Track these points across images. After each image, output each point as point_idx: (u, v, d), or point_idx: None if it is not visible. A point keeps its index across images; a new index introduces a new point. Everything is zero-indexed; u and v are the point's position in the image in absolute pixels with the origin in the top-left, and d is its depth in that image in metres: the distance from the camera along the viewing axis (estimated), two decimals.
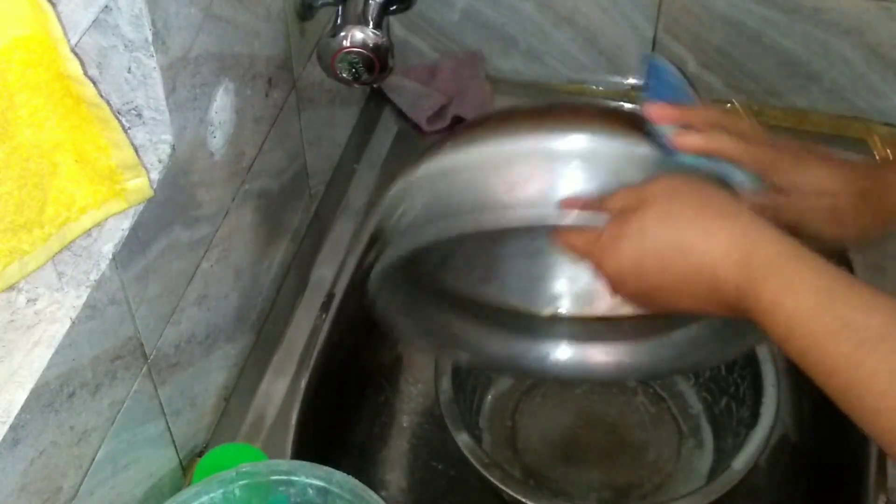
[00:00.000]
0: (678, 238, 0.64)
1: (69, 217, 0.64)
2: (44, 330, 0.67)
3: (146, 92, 0.73)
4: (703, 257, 0.63)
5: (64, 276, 0.69)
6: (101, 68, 0.72)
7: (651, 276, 0.65)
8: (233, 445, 0.91)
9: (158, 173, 0.75)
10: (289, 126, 1.02)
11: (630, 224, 0.65)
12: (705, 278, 0.63)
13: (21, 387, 0.64)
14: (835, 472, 1.07)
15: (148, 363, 0.80)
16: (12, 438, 0.63)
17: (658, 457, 1.13)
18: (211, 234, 0.88)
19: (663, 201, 0.65)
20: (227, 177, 0.89)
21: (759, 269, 0.60)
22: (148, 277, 0.78)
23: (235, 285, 0.95)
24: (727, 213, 0.64)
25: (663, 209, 0.65)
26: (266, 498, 0.80)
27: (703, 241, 0.63)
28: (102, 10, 0.66)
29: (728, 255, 0.62)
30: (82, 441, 0.72)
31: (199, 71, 0.79)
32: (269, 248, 1.03)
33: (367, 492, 0.78)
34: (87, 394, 0.72)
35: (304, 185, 1.10)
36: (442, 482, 1.12)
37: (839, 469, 1.06)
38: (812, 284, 0.59)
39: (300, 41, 1.01)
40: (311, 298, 1.07)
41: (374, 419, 1.17)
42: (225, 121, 0.86)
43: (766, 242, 0.62)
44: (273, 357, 1.02)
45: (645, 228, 0.65)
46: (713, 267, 0.62)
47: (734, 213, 0.64)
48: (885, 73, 1.18)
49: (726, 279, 0.62)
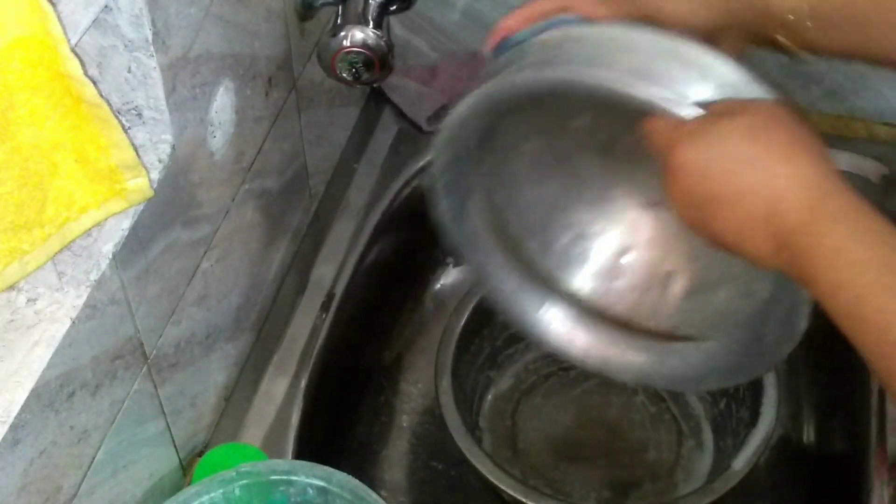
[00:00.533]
0: (758, 154, 0.62)
1: (69, 217, 0.64)
2: (44, 330, 0.67)
3: (146, 92, 0.73)
4: (775, 180, 0.61)
5: (64, 276, 0.69)
6: (101, 68, 0.72)
7: (715, 182, 0.63)
8: (233, 445, 0.91)
9: (158, 173, 0.75)
10: (289, 126, 1.02)
11: (719, 124, 0.63)
12: (769, 201, 0.61)
13: (21, 386, 0.64)
14: (835, 472, 1.07)
15: (148, 363, 0.80)
16: (12, 438, 0.63)
17: (658, 457, 1.13)
18: (211, 233, 0.88)
19: (760, 118, 0.63)
20: (227, 176, 0.89)
21: (829, 214, 0.59)
22: (148, 277, 0.78)
23: (235, 285, 0.95)
24: (815, 153, 0.62)
25: (756, 123, 0.63)
26: (266, 498, 0.80)
27: (781, 166, 0.61)
28: (102, 9, 0.66)
29: (802, 187, 0.60)
30: (82, 441, 0.72)
31: (199, 71, 0.79)
32: (269, 247, 1.03)
33: (367, 492, 0.78)
34: (87, 393, 0.72)
35: (304, 184, 1.10)
36: (442, 482, 1.12)
37: (839, 469, 1.06)
38: (881, 239, 0.58)
39: (300, 41, 1.01)
40: (311, 298, 1.07)
41: (374, 419, 1.17)
42: (225, 121, 0.86)
43: (844, 192, 0.60)
44: (273, 357, 1.02)
45: (731, 132, 0.63)
46: (782, 193, 0.60)
47: (822, 156, 0.62)
48: (885, 73, 1.17)
49: (791, 209, 0.60)
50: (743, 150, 0.62)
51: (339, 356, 1.08)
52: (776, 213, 0.60)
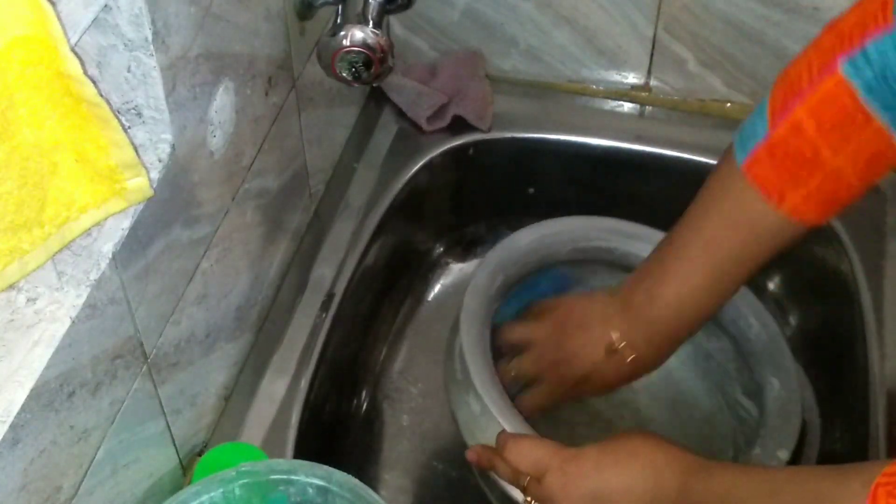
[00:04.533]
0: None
1: (69, 216, 0.64)
2: (44, 329, 0.67)
3: (146, 91, 0.73)
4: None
5: (64, 276, 0.69)
6: (100, 67, 0.72)
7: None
8: (233, 445, 0.91)
9: (158, 173, 0.75)
10: (289, 125, 1.02)
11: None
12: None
13: (21, 386, 0.64)
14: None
15: (148, 362, 0.80)
16: (12, 438, 0.63)
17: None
18: (211, 233, 0.88)
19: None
20: (227, 176, 0.89)
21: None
22: (148, 277, 0.78)
23: (235, 285, 0.95)
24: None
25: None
26: (266, 497, 0.80)
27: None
28: (102, 9, 0.66)
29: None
30: (82, 440, 0.72)
31: (199, 70, 0.79)
32: (269, 247, 1.03)
33: (367, 491, 0.78)
34: (86, 393, 0.72)
35: (303, 184, 1.10)
36: (442, 482, 1.12)
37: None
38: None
39: (300, 40, 1.01)
40: (311, 298, 1.07)
41: (375, 419, 1.17)
42: (225, 120, 0.86)
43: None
44: (273, 357, 1.02)
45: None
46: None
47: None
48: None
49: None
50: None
51: (339, 356, 1.08)
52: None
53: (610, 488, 0.77)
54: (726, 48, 1.21)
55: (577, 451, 0.80)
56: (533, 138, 1.25)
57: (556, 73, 1.28)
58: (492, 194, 1.29)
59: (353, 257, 1.11)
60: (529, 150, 1.25)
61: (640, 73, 1.26)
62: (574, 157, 1.25)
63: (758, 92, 1.23)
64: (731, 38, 1.19)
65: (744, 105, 1.24)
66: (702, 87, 1.25)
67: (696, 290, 0.86)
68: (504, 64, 1.29)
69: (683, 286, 0.86)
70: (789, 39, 1.18)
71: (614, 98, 1.28)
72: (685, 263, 0.85)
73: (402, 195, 1.19)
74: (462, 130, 1.23)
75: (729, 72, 1.23)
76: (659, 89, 1.27)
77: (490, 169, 1.26)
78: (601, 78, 1.27)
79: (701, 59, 1.22)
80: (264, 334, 1.04)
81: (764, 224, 0.80)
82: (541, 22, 1.23)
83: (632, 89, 1.27)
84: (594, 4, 1.20)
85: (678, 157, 1.21)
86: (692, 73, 1.24)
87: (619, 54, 1.25)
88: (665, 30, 1.21)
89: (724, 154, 0.83)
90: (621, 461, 0.77)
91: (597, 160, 1.24)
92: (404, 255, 1.26)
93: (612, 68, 1.26)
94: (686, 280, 0.85)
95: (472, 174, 1.26)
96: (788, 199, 0.79)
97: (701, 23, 1.19)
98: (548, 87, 1.29)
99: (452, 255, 1.32)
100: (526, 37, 1.25)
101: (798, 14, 1.15)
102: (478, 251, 1.32)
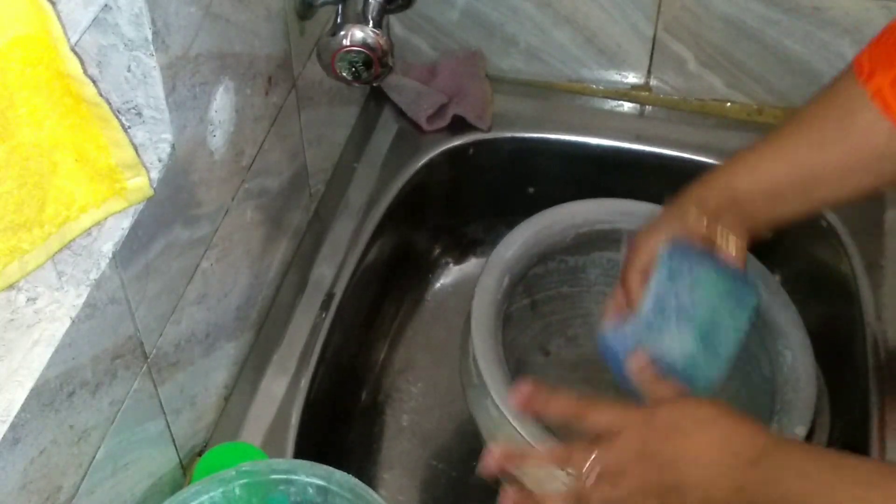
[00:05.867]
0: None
1: (69, 216, 0.64)
2: (44, 329, 0.67)
3: (146, 91, 0.73)
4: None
5: (64, 276, 0.69)
6: (100, 67, 0.72)
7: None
8: (233, 444, 0.91)
9: (158, 172, 0.75)
10: (289, 125, 1.02)
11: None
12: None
13: (21, 386, 0.64)
14: None
15: (148, 362, 0.80)
16: (12, 437, 0.63)
17: None
18: (211, 233, 0.88)
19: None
20: (227, 176, 0.89)
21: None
22: (148, 276, 0.78)
23: (235, 284, 0.95)
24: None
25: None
26: (266, 497, 0.80)
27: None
28: (102, 8, 0.66)
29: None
30: (82, 440, 0.72)
31: (199, 70, 0.79)
32: (269, 247, 1.03)
33: (367, 491, 0.78)
34: (87, 393, 0.72)
35: (304, 184, 1.10)
36: (442, 482, 1.12)
37: None
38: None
39: (300, 40, 1.01)
40: (311, 298, 1.07)
41: (375, 419, 1.17)
42: (225, 120, 0.86)
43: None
44: (273, 356, 1.02)
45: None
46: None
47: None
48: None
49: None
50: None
51: (339, 356, 1.08)
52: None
53: (689, 455, 0.74)
54: (726, 48, 1.21)
55: (651, 411, 0.78)
56: (533, 138, 1.25)
57: (555, 72, 1.28)
58: (491, 194, 1.29)
59: (352, 257, 1.11)
60: (529, 149, 1.25)
61: (640, 72, 1.26)
62: (574, 157, 1.25)
63: (758, 92, 1.23)
64: (731, 38, 1.19)
65: (744, 105, 1.25)
66: (702, 87, 1.25)
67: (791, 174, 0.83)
68: (504, 64, 1.29)
69: (779, 167, 0.83)
70: (789, 39, 1.18)
71: (614, 98, 1.28)
72: (786, 146, 0.84)
73: (402, 195, 1.19)
74: (462, 130, 1.23)
75: (729, 72, 1.23)
76: (659, 89, 1.27)
77: (490, 169, 1.26)
78: (601, 77, 1.27)
79: (701, 58, 1.22)
80: (264, 334, 1.04)
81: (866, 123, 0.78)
82: (541, 22, 1.23)
83: (632, 89, 1.27)
84: (594, 4, 1.20)
85: (678, 157, 1.21)
86: (692, 72, 1.24)
87: (619, 54, 1.25)
88: (665, 30, 1.21)
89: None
90: (701, 427, 0.75)
91: (597, 160, 1.24)
92: (404, 255, 1.26)
93: (612, 68, 1.26)
94: (783, 163, 0.84)
95: (471, 174, 1.26)
96: (877, 78, 0.77)
97: (701, 23, 1.19)
98: (548, 87, 1.29)
99: (452, 255, 1.32)
100: (526, 36, 1.25)
101: (798, 14, 1.15)
102: (477, 251, 1.32)
